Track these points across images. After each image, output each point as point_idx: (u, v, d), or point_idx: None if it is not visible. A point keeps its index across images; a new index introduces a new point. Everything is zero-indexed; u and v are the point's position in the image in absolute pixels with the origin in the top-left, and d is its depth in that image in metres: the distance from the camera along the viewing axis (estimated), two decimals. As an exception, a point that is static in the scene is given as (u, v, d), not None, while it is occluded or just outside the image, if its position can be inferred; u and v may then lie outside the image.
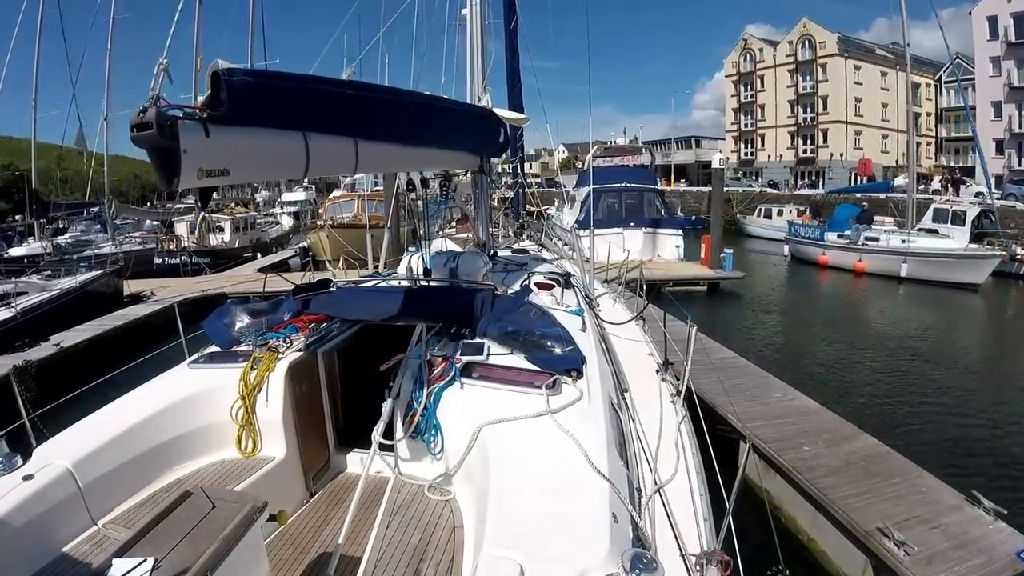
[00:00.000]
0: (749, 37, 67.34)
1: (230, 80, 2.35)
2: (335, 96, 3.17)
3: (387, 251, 7.94)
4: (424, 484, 3.42)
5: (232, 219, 26.59)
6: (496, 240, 9.61)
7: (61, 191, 31.15)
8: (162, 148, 2.16)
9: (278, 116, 2.70)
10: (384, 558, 2.79)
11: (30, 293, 12.43)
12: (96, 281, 14.52)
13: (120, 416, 3.49)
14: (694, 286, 18.47)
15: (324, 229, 21.06)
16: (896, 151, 56.92)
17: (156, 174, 2.30)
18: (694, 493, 3.25)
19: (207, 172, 2.33)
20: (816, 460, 5.93)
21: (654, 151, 77.83)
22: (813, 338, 14.47)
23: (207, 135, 2.29)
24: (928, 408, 9.52)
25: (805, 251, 25.92)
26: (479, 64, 7.46)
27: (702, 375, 7.31)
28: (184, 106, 2.25)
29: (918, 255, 20.37)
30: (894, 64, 57.82)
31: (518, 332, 3.87)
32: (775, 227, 35.88)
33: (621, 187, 23.60)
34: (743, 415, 6.65)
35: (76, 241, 23.07)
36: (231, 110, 2.34)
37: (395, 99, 3.77)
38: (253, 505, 2.30)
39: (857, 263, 22.36)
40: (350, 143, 3.24)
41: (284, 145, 2.80)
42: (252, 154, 2.66)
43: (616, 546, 2.26)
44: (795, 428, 6.73)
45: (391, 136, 3.70)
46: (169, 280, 18.50)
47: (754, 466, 6.18)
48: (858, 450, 6.18)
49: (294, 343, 4.17)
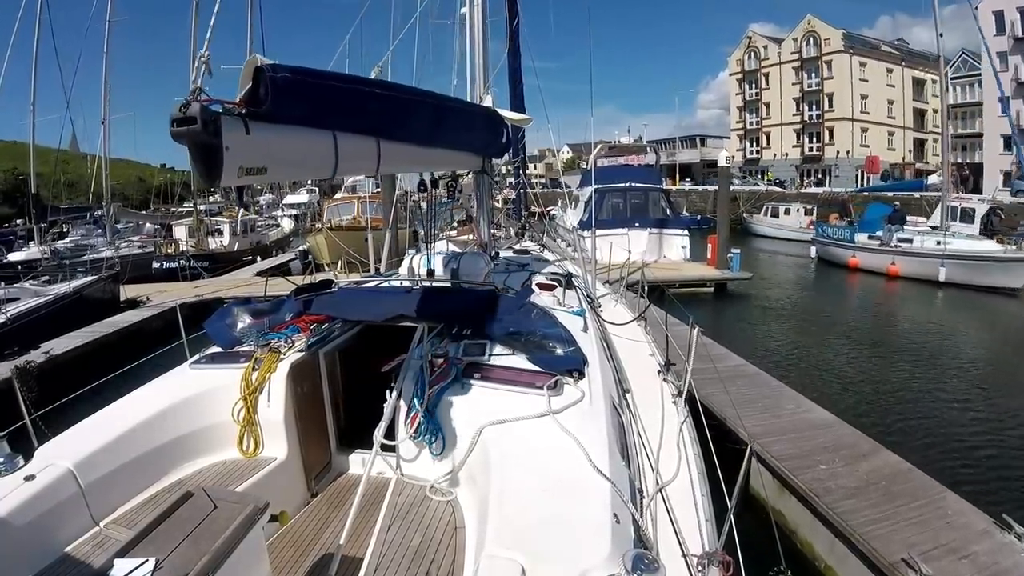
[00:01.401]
0: (753, 34, 67.45)
1: (274, 76, 2.32)
2: (363, 95, 3.18)
3: (387, 254, 7.94)
4: (426, 485, 3.42)
5: (231, 222, 26.65)
6: (498, 241, 9.65)
7: (65, 195, 31.33)
8: (205, 144, 2.12)
9: (313, 114, 2.69)
10: (385, 559, 2.80)
11: (23, 299, 12.33)
12: (91, 286, 14.46)
13: (122, 416, 3.52)
14: (700, 287, 18.33)
15: (322, 232, 21.05)
16: (902, 148, 56.96)
17: (196, 171, 2.27)
18: (696, 494, 3.28)
19: (247, 170, 2.31)
20: (834, 481, 5.61)
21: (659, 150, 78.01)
22: (831, 345, 13.75)
23: (247, 132, 2.26)
24: (954, 420, 9.04)
25: (834, 253, 24.89)
26: (480, 65, 7.50)
27: (709, 384, 7.12)
28: (225, 101, 2.21)
29: (956, 258, 19.35)
30: (899, 60, 57.93)
31: (520, 332, 3.88)
32: (783, 226, 35.92)
33: (626, 187, 23.50)
34: (753, 429, 6.40)
35: (76, 245, 23.11)
36: (273, 107, 2.32)
37: (415, 99, 3.81)
38: (255, 506, 2.31)
39: (891, 266, 21.38)
40: (373, 143, 3.27)
41: (316, 144, 2.81)
42: (287, 153, 2.66)
43: (617, 547, 2.27)
44: (810, 444, 6.39)
45: (409, 136, 3.74)
46: (166, 285, 18.52)
47: (763, 482, 5.95)
48: (878, 468, 5.84)
49: (296, 343, 4.18)
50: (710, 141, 75.29)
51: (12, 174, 40.66)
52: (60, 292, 13.21)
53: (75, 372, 9.36)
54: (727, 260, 19.10)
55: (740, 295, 18.60)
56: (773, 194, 45.03)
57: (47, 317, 12.12)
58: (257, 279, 18.48)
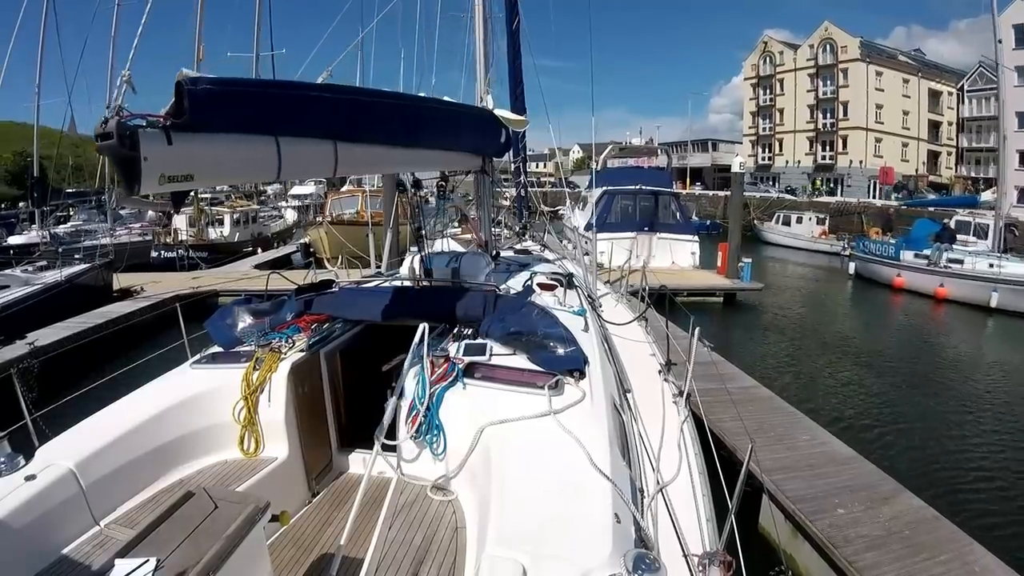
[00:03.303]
0: (769, 39, 67.39)
1: (192, 89, 2.43)
2: (308, 100, 3.22)
3: (388, 252, 7.99)
4: (426, 485, 3.46)
5: (232, 212, 26.66)
6: (499, 241, 9.70)
7: (73, 179, 31.35)
8: (122, 157, 2.25)
9: (245, 122, 2.77)
10: (386, 559, 2.84)
11: (12, 287, 12.19)
12: (84, 275, 14.32)
13: (122, 416, 3.55)
14: (709, 296, 18.02)
15: (323, 226, 21.03)
16: (916, 160, 56.84)
17: (118, 179, 2.42)
18: (696, 493, 3.34)
19: (169, 178, 2.42)
20: (853, 528, 5.21)
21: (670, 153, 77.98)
22: (854, 369, 12.80)
23: (169, 143, 2.38)
24: (988, 463, 8.27)
25: (875, 270, 23.42)
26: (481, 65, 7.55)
27: (719, 408, 7.04)
28: (148, 115, 2.35)
29: (1012, 283, 18.07)
30: (916, 71, 57.87)
31: (520, 332, 3.92)
32: (794, 235, 35.71)
33: (636, 189, 23.17)
34: (766, 462, 6.09)
35: (77, 230, 23.12)
36: (193, 118, 2.42)
37: (375, 101, 3.79)
38: (256, 506, 2.33)
39: (939, 288, 19.87)
40: (329, 145, 3.31)
41: (253, 149, 2.86)
42: (217, 159, 2.73)
43: (618, 547, 2.31)
44: (827, 482, 6.01)
45: (376, 138, 3.75)
46: (161, 275, 18.45)
47: (775, 523, 5.64)
48: (900, 514, 5.46)
49: (296, 343, 4.22)
50: (722, 146, 75.38)
51: (21, 156, 40.70)
52: (50, 280, 13.05)
53: (60, 364, 9.16)
54: (738, 269, 18.72)
55: (750, 306, 18.32)
56: (785, 202, 45.01)
57: (35, 306, 11.97)
58: (255, 272, 18.43)
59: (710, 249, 21.48)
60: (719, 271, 19.68)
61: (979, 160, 52.55)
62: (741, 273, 18.66)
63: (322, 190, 39.78)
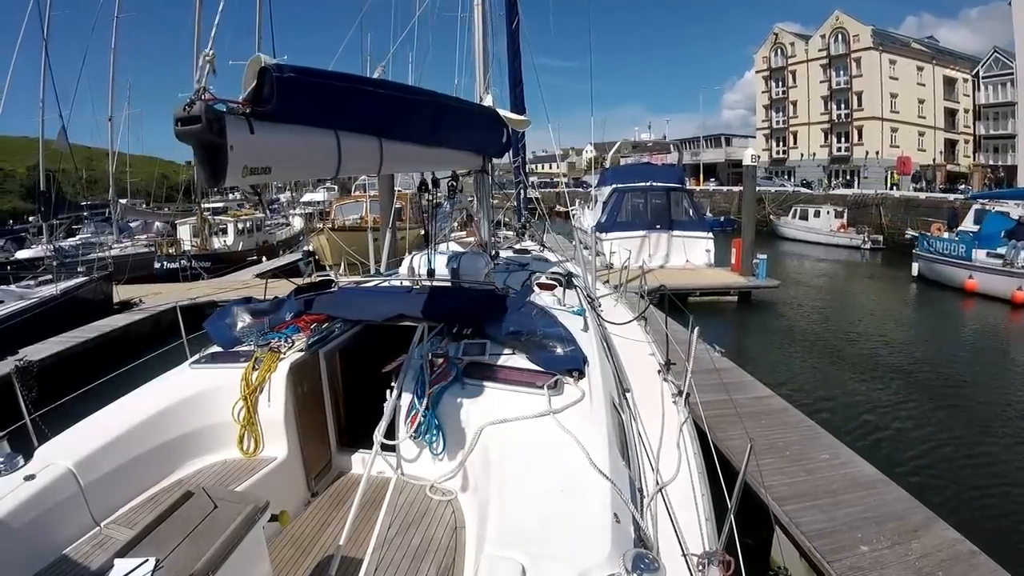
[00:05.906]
0: (780, 31, 67.13)
1: (279, 76, 2.36)
2: (366, 95, 3.25)
3: (387, 253, 8.05)
4: (426, 484, 3.50)
5: (235, 221, 26.85)
6: (499, 241, 9.79)
7: (89, 191, 31.59)
8: (209, 144, 2.17)
9: (317, 114, 2.74)
10: (386, 559, 2.87)
11: (7, 302, 12.25)
12: (81, 288, 14.32)
13: (122, 416, 3.61)
14: (723, 295, 17.69)
15: (324, 232, 21.09)
16: (933, 149, 56.36)
17: (200, 171, 2.30)
18: (696, 493, 3.36)
19: (251, 170, 2.35)
20: (879, 571, 4.65)
21: (682, 149, 77.79)
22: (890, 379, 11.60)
23: (251, 131, 2.31)
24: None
25: (943, 272, 21.03)
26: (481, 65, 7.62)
27: (727, 423, 6.80)
28: (229, 100, 2.25)
29: None
30: (930, 59, 57.40)
31: (520, 332, 3.95)
32: (812, 229, 35.45)
33: (646, 186, 22.90)
34: (779, 488, 5.70)
35: (85, 243, 23.31)
36: (278, 106, 2.36)
37: (417, 99, 3.87)
38: (255, 506, 2.37)
39: (1017, 292, 17.82)
40: (375, 142, 3.33)
41: (319, 144, 2.86)
42: (291, 152, 2.72)
43: (618, 546, 2.33)
44: (848, 512, 5.41)
45: (411, 136, 3.80)
46: (162, 286, 18.53)
47: (786, 559, 5.23)
48: (933, 551, 4.87)
49: (296, 343, 4.27)
50: (735, 140, 75.06)
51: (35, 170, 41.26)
52: (46, 294, 13.08)
53: (54, 379, 9.22)
54: (752, 266, 18.42)
55: (767, 305, 17.84)
56: (800, 195, 44.72)
57: (29, 321, 11.99)
58: (256, 281, 18.41)
59: (725, 246, 21.07)
60: (733, 268, 19.38)
61: (997, 148, 52.08)
62: (756, 270, 18.36)
63: (333, 196, 39.99)
